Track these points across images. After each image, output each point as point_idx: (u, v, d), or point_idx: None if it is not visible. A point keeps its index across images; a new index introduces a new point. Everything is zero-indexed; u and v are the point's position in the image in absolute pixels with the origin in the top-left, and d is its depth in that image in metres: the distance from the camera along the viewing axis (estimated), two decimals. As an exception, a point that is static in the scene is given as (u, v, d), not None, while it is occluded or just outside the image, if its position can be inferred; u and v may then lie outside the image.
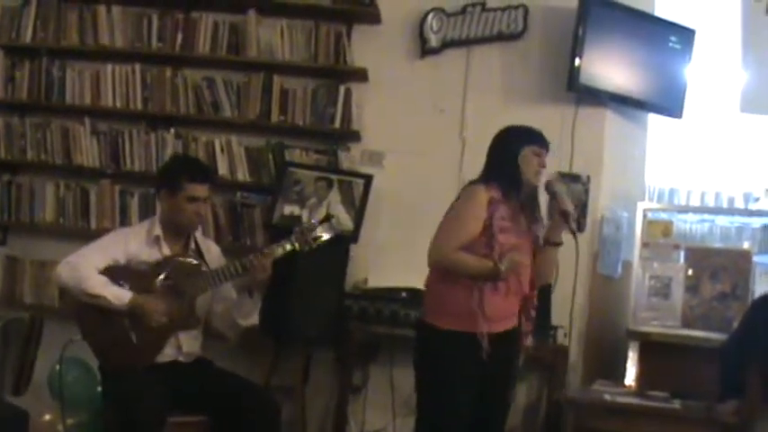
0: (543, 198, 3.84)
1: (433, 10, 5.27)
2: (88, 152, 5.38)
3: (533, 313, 3.78)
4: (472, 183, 3.76)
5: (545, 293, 4.88)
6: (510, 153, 3.74)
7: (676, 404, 4.50)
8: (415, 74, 5.34)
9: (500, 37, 5.27)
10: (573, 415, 4.54)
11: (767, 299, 4.42)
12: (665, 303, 5.08)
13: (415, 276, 4.56)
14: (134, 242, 4.11)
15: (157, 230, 4.13)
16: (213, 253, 4.29)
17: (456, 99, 5.27)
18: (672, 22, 5.28)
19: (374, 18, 5.31)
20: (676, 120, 5.34)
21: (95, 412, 4.46)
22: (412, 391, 3.86)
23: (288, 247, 4.04)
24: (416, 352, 3.80)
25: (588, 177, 5.18)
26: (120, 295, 3.93)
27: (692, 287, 5.04)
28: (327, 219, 4.17)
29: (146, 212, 5.22)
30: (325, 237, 4.09)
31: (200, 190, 4.11)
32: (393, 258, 5.14)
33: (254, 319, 4.16)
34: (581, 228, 5.14)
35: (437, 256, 3.64)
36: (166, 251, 4.11)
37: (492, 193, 3.67)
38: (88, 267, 3.97)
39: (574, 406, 4.58)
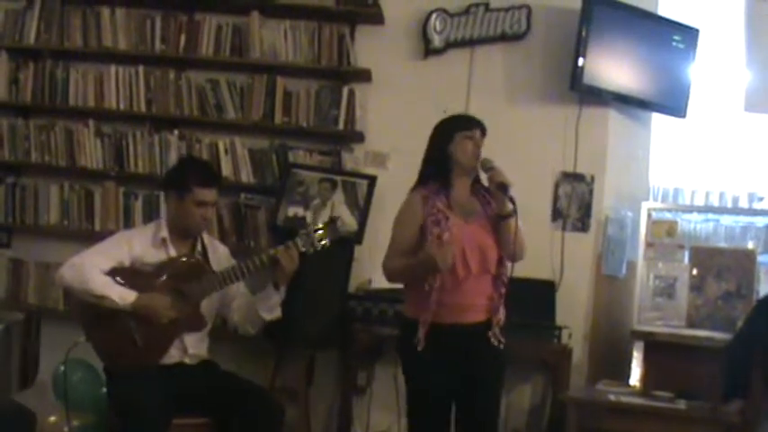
0: (483, 177, 3.87)
1: (436, 10, 5.27)
2: (92, 154, 5.39)
3: (503, 290, 3.77)
4: (411, 190, 3.85)
5: (549, 293, 4.90)
6: (441, 145, 3.82)
7: (681, 404, 4.50)
8: (418, 74, 5.34)
9: (503, 37, 5.27)
10: (577, 415, 4.53)
11: (772, 298, 4.42)
12: (669, 303, 5.07)
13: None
14: (139, 244, 4.10)
15: (164, 232, 4.11)
16: (221, 254, 4.27)
17: (459, 99, 5.26)
18: (675, 21, 5.28)
19: (377, 19, 5.31)
20: (680, 119, 5.34)
21: (100, 414, 4.45)
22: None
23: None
24: None
25: (592, 177, 5.18)
26: (125, 295, 3.91)
27: (696, 287, 5.03)
28: (332, 221, 4.16)
29: (150, 214, 5.23)
30: (329, 240, 4.07)
31: (209, 195, 4.09)
32: (397, 259, 5.13)
33: (277, 313, 4.13)
34: (585, 227, 5.16)
35: (385, 272, 3.81)
36: (173, 253, 4.10)
37: (425, 191, 3.76)
38: (92, 268, 3.95)
39: (578, 406, 4.57)
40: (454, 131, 3.80)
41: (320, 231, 4.04)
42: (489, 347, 3.72)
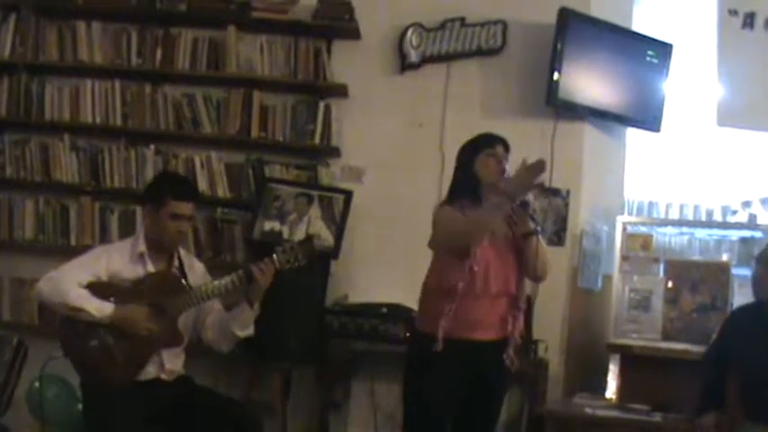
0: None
1: (412, 25, 5.29)
2: (68, 169, 5.36)
3: (520, 312, 3.78)
4: (440, 205, 3.83)
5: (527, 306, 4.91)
6: (466, 165, 3.81)
7: (657, 417, 4.52)
8: (394, 89, 5.35)
9: (479, 52, 5.30)
10: (554, 428, 4.54)
11: (745, 310, 4.45)
12: (645, 316, 5.10)
13: (395, 292, 4.58)
14: (117, 259, 4.07)
15: (142, 246, 4.09)
16: (197, 270, 4.26)
17: (435, 114, 5.29)
18: (649, 36, 5.33)
19: (354, 34, 5.32)
20: (654, 133, 5.38)
21: (75, 430, 4.43)
22: (393, 407, 3.88)
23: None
24: None
25: (568, 192, 5.21)
26: (102, 308, 3.89)
27: (671, 300, 5.06)
28: (309, 239, 4.16)
29: (126, 229, 5.20)
30: (305, 258, 4.07)
31: (184, 208, 4.08)
32: (373, 274, 5.14)
33: (250, 330, 4.12)
34: (561, 241, 5.18)
35: (434, 240, 3.71)
36: (150, 268, 4.07)
37: (457, 206, 3.74)
38: (70, 282, 3.92)
39: (555, 419, 4.59)
40: (477, 152, 3.80)
41: (296, 249, 4.05)
42: (498, 367, 3.74)
